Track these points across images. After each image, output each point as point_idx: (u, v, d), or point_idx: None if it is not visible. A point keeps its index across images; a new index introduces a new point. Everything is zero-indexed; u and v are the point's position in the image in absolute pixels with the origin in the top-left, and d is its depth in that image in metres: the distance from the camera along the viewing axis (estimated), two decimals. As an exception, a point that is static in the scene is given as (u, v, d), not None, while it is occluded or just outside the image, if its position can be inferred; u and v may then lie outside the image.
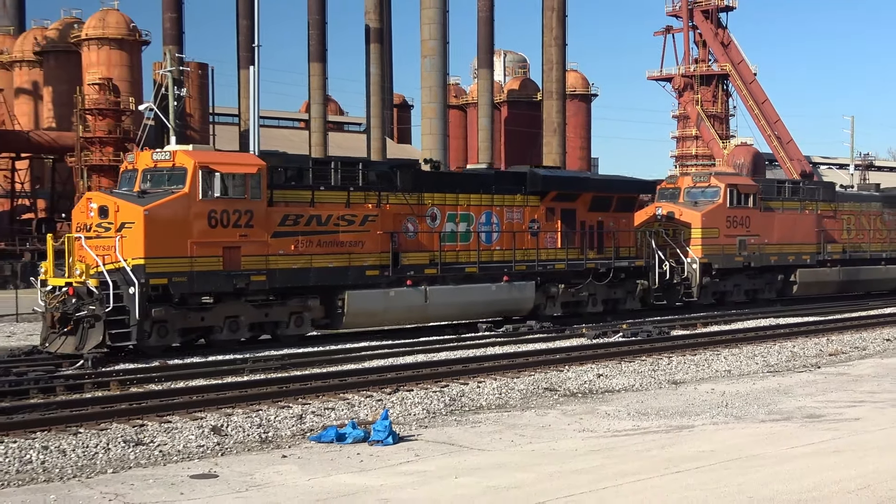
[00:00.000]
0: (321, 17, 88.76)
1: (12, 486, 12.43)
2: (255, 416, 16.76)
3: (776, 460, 13.21)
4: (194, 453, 14.23)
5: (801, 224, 39.93)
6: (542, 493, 11.48)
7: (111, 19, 74.26)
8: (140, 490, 12.02)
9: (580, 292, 32.47)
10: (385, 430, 14.65)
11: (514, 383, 20.48)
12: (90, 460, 13.71)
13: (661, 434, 15.36)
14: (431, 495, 11.57)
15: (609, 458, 13.52)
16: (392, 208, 27.33)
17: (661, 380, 21.49)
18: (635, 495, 11.29)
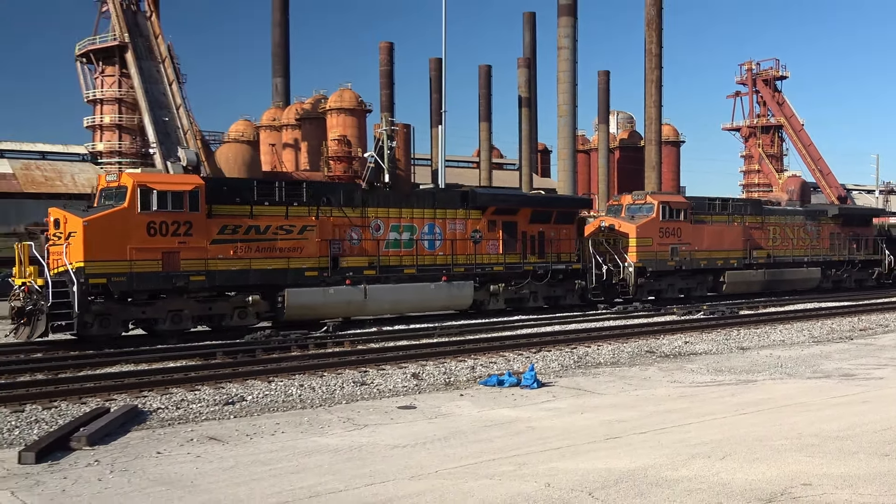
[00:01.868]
0: (487, 90, 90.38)
1: (279, 410, 12.86)
2: (441, 366, 16.89)
3: (819, 406, 12.61)
4: (400, 391, 14.42)
5: (728, 234, 35.62)
6: (643, 425, 11.24)
7: (346, 95, 76.19)
8: (364, 415, 12.26)
9: (521, 290, 28.97)
10: (532, 378, 14.57)
11: (623, 347, 20.09)
12: (330, 395, 14.05)
13: (732, 386, 14.83)
14: (564, 424, 11.46)
15: (693, 402, 13.13)
16: (335, 220, 24.50)
17: (731, 346, 20.74)
18: (713, 428, 10.94)
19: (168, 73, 61.64)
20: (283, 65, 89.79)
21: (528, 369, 15.12)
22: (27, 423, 11.70)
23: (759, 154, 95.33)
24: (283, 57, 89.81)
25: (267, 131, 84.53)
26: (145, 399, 13.40)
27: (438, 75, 74.49)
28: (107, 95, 64.28)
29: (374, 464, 9.34)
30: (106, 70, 63.96)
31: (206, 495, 8.20)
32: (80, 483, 8.69)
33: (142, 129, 62.20)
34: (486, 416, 12.14)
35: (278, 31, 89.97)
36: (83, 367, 17.00)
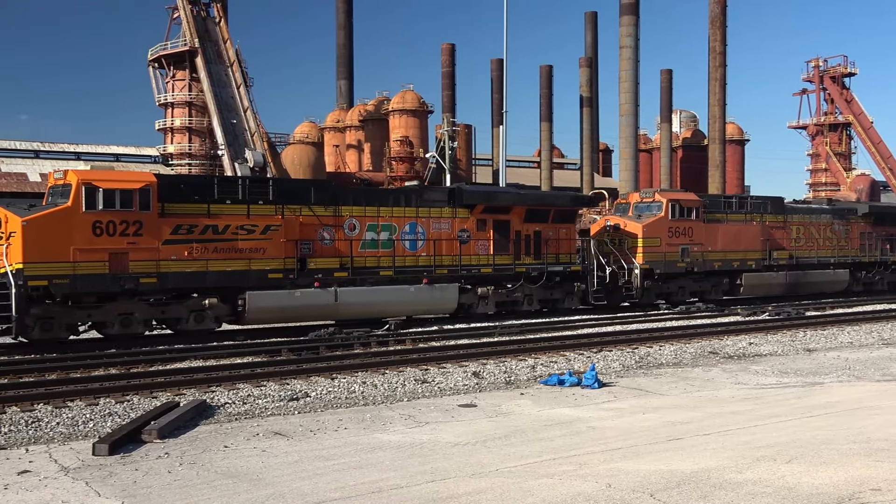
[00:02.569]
0: (548, 90, 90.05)
1: (343, 406, 12.98)
2: (502, 365, 16.85)
3: (889, 410, 12.22)
4: (461, 390, 14.43)
5: (746, 234, 33.10)
6: (706, 427, 11.04)
7: (408, 97, 76.64)
8: (425, 413, 12.30)
9: (513, 293, 26.92)
10: (592, 378, 14.44)
11: (686, 347, 19.77)
12: (392, 392, 14.13)
13: (798, 388, 14.47)
14: (625, 425, 11.32)
15: (757, 404, 12.85)
16: (304, 219, 22.94)
17: (797, 347, 20.25)
18: (777, 431, 10.69)
19: (236, 77, 62.76)
20: (347, 67, 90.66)
21: (588, 369, 14.98)
22: (101, 416, 12.02)
23: (826, 152, 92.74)
24: (347, 59, 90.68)
25: (331, 133, 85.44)
26: (213, 394, 13.66)
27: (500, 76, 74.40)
28: (177, 99, 65.79)
29: (435, 461, 9.36)
30: (177, 74, 65.46)
31: (270, 489, 8.32)
32: (151, 475, 8.90)
33: (211, 132, 63.46)
34: (547, 415, 12.07)
35: (342, 33, 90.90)
36: (154, 363, 17.41)
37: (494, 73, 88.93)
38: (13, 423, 11.52)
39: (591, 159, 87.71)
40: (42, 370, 16.21)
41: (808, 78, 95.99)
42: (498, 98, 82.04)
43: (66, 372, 16.10)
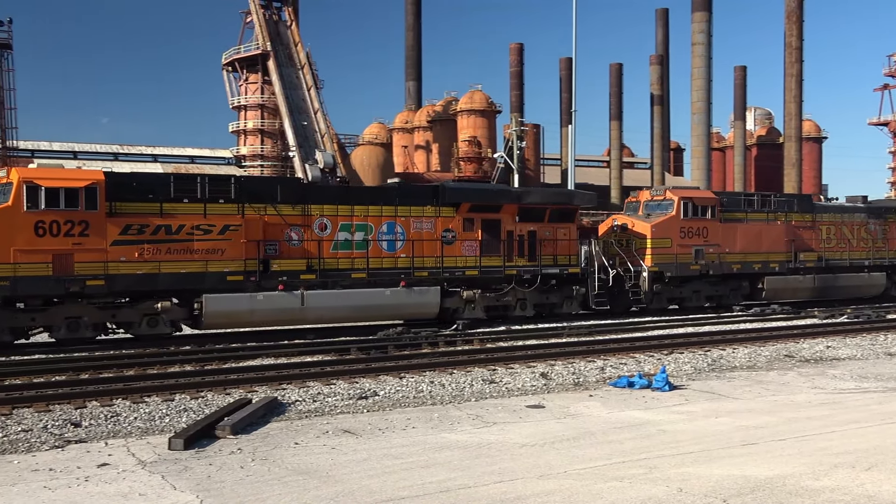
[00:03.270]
0: (618, 88, 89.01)
1: (411, 405, 13.04)
2: (570, 366, 16.72)
3: (976, 418, 11.71)
4: (528, 390, 14.37)
5: (768, 234, 30.84)
6: (782, 432, 10.76)
7: (476, 97, 76.76)
8: (492, 413, 12.29)
9: (503, 297, 25.25)
10: (663, 381, 14.22)
11: (760, 350, 19.31)
12: (460, 392, 14.14)
13: (878, 393, 14.00)
14: (697, 428, 11.12)
15: (835, 409, 12.47)
16: (269, 219, 21.94)
17: (878, 351, 19.59)
18: (856, 438, 10.36)
19: (307, 79, 63.68)
20: (415, 68, 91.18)
21: (659, 371, 14.75)
22: (176, 412, 12.33)
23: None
24: (416, 60, 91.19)
25: (399, 133, 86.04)
26: (284, 391, 13.88)
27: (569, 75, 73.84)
28: (250, 102, 67.12)
29: (503, 461, 9.33)
30: (249, 78, 66.79)
31: (340, 486, 8.41)
32: (224, 470, 9.09)
33: (282, 133, 64.54)
34: (616, 417, 11.93)
35: (411, 34, 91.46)
36: (227, 360, 17.78)
37: (563, 72, 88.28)
38: (93, 417, 11.90)
39: (661, 158, 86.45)
40: (120, 366, 16.72)
41: (889, 73, 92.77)
42: (567, 97, 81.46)
43: (143, 368, 16.57)
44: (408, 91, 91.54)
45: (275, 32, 64.90)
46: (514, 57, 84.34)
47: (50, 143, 65.85)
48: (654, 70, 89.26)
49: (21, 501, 8.00)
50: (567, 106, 76.03)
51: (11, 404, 12.57)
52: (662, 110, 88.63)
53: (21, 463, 9.51)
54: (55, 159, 61.49)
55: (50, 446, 10.32)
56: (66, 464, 9.41)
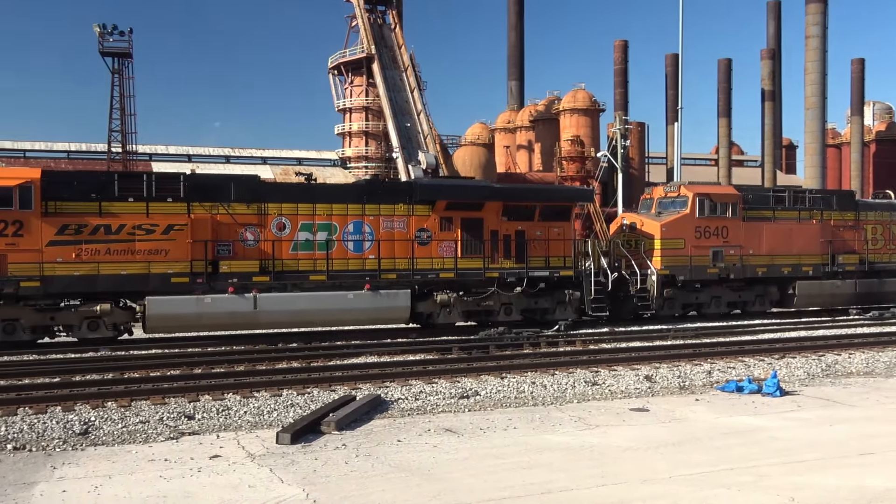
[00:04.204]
0: (727, 84, 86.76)
1: (512, 406, 13.03)
2: (675, 369, 16.36)
3: None
4: (632, 393, 14.14)
5: (800, 234, 28.01)
6: (902, 442, 10.24)
7: (580, 96, 76.01)
8: (595, 416, 12.15)
9: (483, 301, 23.28)
10: (774, 386, 13.76)
11: (879, 356, 18.41)
12: (562, 393, 14.04)
13: None
14: (810, 436, 10.71)
15: (962, 420, 11.79)
16: (220, 218, 20.95)
17: None
18: None
19: (410, 81, 64.39)
20: (517, 68, 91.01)
21: (769, 376, 14.28)
22: (284, 407, 12.67)
23: None
24: (518, 60, 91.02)
25: (501, 133, 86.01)
26: (387, 389, 14.08)
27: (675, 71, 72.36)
28: (355, 104, 68.36)
29: (606, 464, 9.22)
30: (354, 81, 68.02)
31: (441, 484, 8.48)
32: (329, 465, 9.29)
33: (386, 135, 65.48)
34: (724, 422, 11.61)
35: (513, 34, 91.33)
36: (332, 358, 18.17)
37: (669, 69, 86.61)
38: (206, 410, 12.35)
39: (773, 156, 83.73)
40: (231, 362, 17.30)
41: None
42: (673, 94, 79.93)
43: (252, 364, 17.11)
44: (510, 91, 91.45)
45: (379, 36, 65.91)
46: (619, 54, 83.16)
47: (166, 147, 68.69)
48: (765, 65, 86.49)
49: (139, 490, 8.38)
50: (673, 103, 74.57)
51: (130, 396, 13.18)
52: (774, 106, 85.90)
53: (139, 453, 9.97)
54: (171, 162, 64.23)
55: (165, 437, 10.78)
56: (180, 455, 9.81)
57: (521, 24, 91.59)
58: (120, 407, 12.54)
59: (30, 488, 8.46)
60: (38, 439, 10.66)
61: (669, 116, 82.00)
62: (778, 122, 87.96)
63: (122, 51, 55.47)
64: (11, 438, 10.66)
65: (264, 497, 8.09)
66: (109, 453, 9.97)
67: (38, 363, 17.22)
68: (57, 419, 11.63)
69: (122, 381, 14.78)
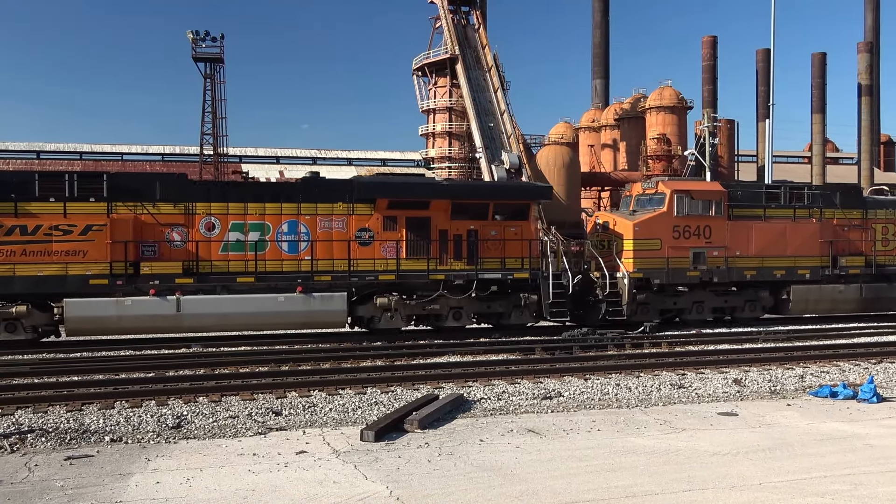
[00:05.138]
0: (821, 80, 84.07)
1: (595, 407, 12.87)
2: (766, 373, 15.91)
3: None
4: (720, 397, 13.81)
5: (796, 234, 25.51)
6: None
7: (666, 93, 74.79)
8: (681, 419, 11.91)
9: (428, 304, 22.03)
10: (870, 392, 13.23)
11: None
12: (647, 396, 13.81)
13: None
14: (910, 445, 10.25)
15: None
16: (145, 218, 20.39)
17: None
18: None
19: (493, 81, 64.34)
20: (602, 66, 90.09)
21: (866, 381, 13.74)
22: (368, 405, 12.82)
23: None
24: (603, 58, 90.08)
25: (586, 133, 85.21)
26: (470, 389, 14.09)
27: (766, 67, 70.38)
28: (439, 105, 68.72)
29: (692, 469, 9.02)
30: (438, 81, 68.38)
31: (524, 485, 8.44)
32: (412, 463, 9.35)
33: (469, 136, 65.58)
34: (817, 429, 11.22)
35: (598, 32, 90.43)
36: (416, 357, 18.30)
37: (760, 65, 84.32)
38: (293, 406, 12.60)
39: (870, 153, 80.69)
40: (317, 359, 17.61)
41: None
42: (764, 90, 77.76)
43: (338, 362, 17.37)
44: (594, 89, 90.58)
45: (463, 36, 66.09)
46: (707, 50, 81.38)
47: (255, 149, 70.37)
48: (862, 58, 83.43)
49: (228, 483, 8.60)
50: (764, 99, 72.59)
51: (221, 392, 13.55)
52: (871, 101, 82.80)
53: (228, 447, 10.23)
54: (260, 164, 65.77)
55: (253, 433, 11.03)
56: (268, 450, 10.03)
57: (606, 22, 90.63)
58: (211, 402, 12.90)
59: (125, 479, 8.78)
60: (134, 432, 11.05)
61: (760, 113, 79.91)
62: (875, 117, 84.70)
63: (214, 56, 57.10)
64: (109, 430, 11.08)
65: (349, 493, 8.20)
66: (200, 447, 10.27)
67: (134, 358, 17.86)
68: (151, 413, 12.05)
69: (212, 377, 15.22)
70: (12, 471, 9.16)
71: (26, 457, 9.81)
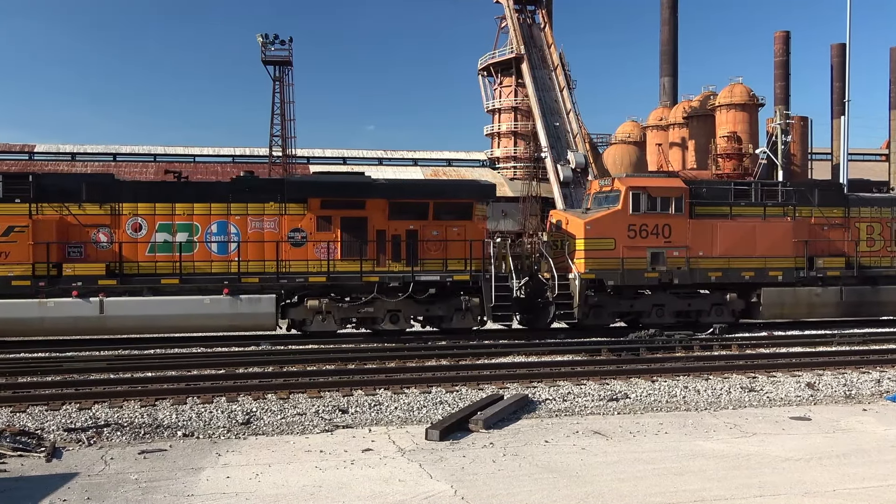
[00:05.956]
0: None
1: (663, 410, 12.71)
2: (841, 377, 15.47)
3: None
4: (792, 401, 13.48)
5: (766, 233, 23.65)
6: None
7: (737, 90, 73.45)
8: (752, 423, 11.67)
9: (361, 307, 21.20)
10: (952, 398, 12.75)
11: None
12: (716, 399, 13.56)
13: None
14: None
15: None
16: (70, 219, 20.19)
17: None
18: None
19: (559, 80, 64.01)
20: (670, 63, 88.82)
21: (947, 387, 13.24)
22: (433, 404, 12.87)
23: None
24: (671, 55, 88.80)
25: (653, 131, 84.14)
26: (535, 389, 14.04)
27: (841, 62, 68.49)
28: (504, 105, 68.62)
29: (763, 475, 8.83)
30: (504, 81, 68.29)
31: (589, 487, 8.37)
32: (477, 462, 9.36)
33: (534, 135, 65.32)
34: (894, 435, 10.87)
35: (666, 29, 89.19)
36: (481, 357, 18.30)
37: (835, 60, 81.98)
38: (359, 405, 12.73)
39: (952, 150, 77.73)
40: (383, 358, 17.75)
41: None
42: (839, 86, 75.56)
43: (403, 361, 17.48)
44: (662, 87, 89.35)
45: (528, 35, 65.89)
46: (780, 46, 79.57)
47: (323, 150, 71.28)
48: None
49: (296, 479, 8.74)
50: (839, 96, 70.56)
51: (289, 389, 13.76)
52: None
53: (296, 444, 10.40)
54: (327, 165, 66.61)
55: (320, 430, 11.18)
56: (335, 447, 10.16)
57: (675, 19, 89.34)
58: (279, 399, 13.12)
59: (197, 473, 8.99)
60: (205, 427, 11.31)
61: (835, 110, 77.65)
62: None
63: (283, 59, 58.03)
64: (181, 426, 11.36)
65: (414, 491, 8.25)
66: (269, 443, 10.46)
67: (205, 356, 18.27)
68: (222, 409, 12.31)
69: (281, 375, 15.47)
70: (89, 463, 9.47)
71: (102, 450, 10.12)
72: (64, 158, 64.40)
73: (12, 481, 8.77)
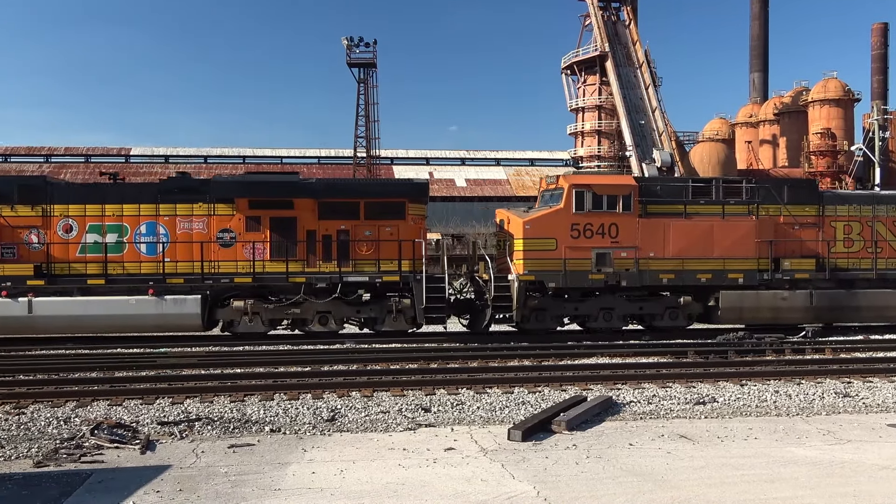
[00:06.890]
0: None
1: (752, 415, 12.37)
2: (943, 384, 14.78)
3: None
4: (891, 407, 12.94)
5: (726, 233, 22.18)
6: None
7: (831, 85, 71.12)
8: (847, 430, 11.26)
9: (287, 309, 20.97)
10: None
11: None
12: (808, 404, 13.14)
13: None
14: None
15: None
16: (6, 220, 20.56)
17: None
18: None
19: (644, 78, 63.08)
20: (760, 59, 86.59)
21: None
22: (515, 404, 12.84)
23: None
24: (762, 51, 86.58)
25: (743, 128, 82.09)
26: (619, 391, 13.86)
27: (944, 54, 65.45)
28: (588, 103, 67.97)
29: (859, 483, 8.51)
30: (587, 80, 67.67)
31: (675, 492, 8.22)
32: (560, 464, 9.29)
33: (619, 134, 64.56)
34: None
35: (756, 24, 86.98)
36: (563, 357, 18.16)
37: (937, 52, 78.46)
38: (441, 404, 12.79)
39: None
40: (465, 358, 17.80)
41: None
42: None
43: (485, 361, 17.49)
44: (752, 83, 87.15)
45: (613, 33, 65.12)
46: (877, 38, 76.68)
47: (406, 151, 71.90)
48: None
49: (379, 476, 8.84)
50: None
51: (373, 388, 13.93)
52: None
53: (379, 441, 10.52)
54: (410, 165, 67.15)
55: (403, 428, 11.28)
56: (417, 445, 10.23)
57: (765, 13, 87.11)
58: (363, 397, 13.29)
59: (283, 468, 9.19)
60: (291, 423, 11.54)
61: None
62: None
63: (368, 61, 58.82)
64: (269, 422, 11.63)
65: (496, 492, 8.24)
66: (353, 440, 10.61)
67: (291, 353, 18.66)
68: (307, 406, 12.55)
69: (365, 373, 15.67)
70: (181, 456, 9.78)
71: (194, 443, 10.44)
72: (158, 160, 66.64)
73: (109, 472, 9.13)
